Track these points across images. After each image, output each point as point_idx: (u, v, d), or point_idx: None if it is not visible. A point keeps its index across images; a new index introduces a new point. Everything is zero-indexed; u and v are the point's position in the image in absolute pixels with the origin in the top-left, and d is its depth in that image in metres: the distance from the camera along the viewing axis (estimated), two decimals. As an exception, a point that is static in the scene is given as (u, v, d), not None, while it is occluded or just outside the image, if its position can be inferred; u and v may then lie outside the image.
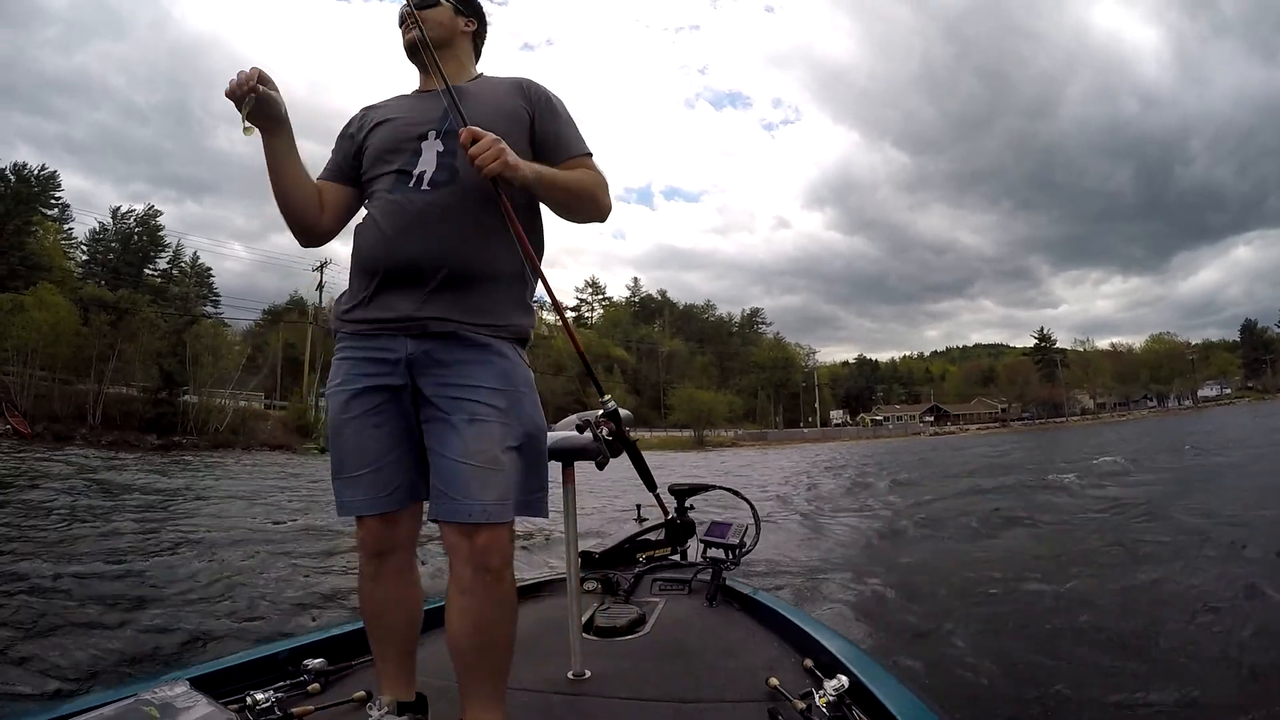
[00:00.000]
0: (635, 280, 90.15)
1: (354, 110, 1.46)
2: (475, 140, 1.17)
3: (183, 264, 54.69)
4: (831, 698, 1.31)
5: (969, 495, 9.12)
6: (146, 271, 51.23)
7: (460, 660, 1.22)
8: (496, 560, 1.19)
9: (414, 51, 1.41)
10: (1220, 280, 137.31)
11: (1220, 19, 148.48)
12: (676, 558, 2.68)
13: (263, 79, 1.21)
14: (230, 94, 1.20)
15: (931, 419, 75.46)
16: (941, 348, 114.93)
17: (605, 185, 1.37)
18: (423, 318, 1.24)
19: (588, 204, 1.34)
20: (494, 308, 1.28)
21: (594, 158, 1.39)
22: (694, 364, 75.54)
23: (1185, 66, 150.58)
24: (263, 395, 39.08)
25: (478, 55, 1.53)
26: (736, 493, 2.70)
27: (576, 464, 1.74)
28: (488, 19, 1.53)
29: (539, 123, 1.36)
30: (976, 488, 10.14)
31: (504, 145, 1.18)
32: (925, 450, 28.84)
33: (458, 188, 1.28)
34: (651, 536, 2.69)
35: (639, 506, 2.93)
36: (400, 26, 1.42)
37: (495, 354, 1.25)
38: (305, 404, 36.96)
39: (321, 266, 42.88)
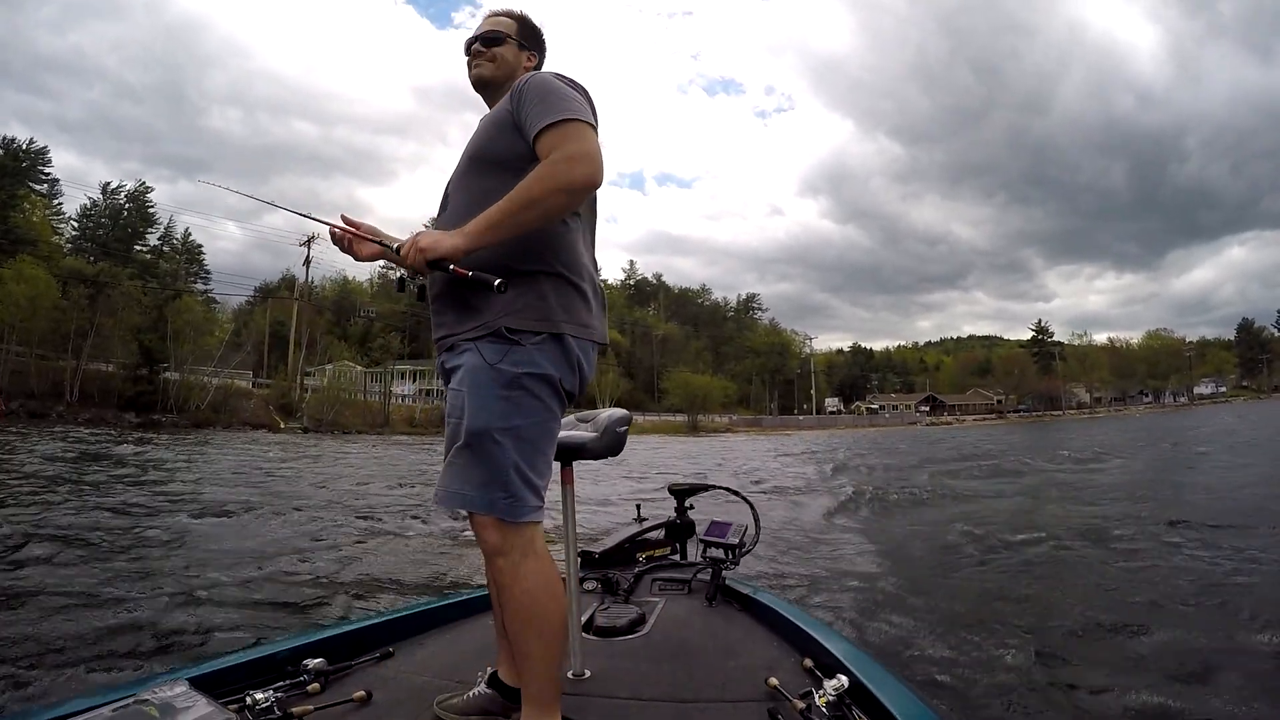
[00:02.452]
0: (631, 263, 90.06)
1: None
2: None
3: (174, 240, 54.85)
4: (831, 697, 1.32)
5: (970, 492, 9.21)
6: (136, 247, 51.38)
7: None
8: (490, 548, 1.26)
9: (480, 85, 1.51)
10: (1214, 279, 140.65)
11: (1218, 19, 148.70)
12: (676, 557, 2.70)
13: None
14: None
15: (927, 409, 76.05)
16: (935, 338, 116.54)
17: (563, 159, 1.22)
18: (438, 336, 1.38)
19: (539, 209, 1.22)
20: (472, 310, 1.30)
21: (566, 123, 1.25)
22: (689, 348, 75.62)
23: (1181, 65, 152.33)
24: (251, 374, 38.93)
25: None
26: (736, 492, 2.72)
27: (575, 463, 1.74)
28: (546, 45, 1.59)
29: (517, 115, 1.32)
30: (977, 483, 10.23)
31: (418, 242, 1.25)
32: (925, 441, 29.01)
33: (448, 211, 1.39)
34: (651, 536, 2.71)
35: (639, 506, 2.95)
36: (467, 56, 1.51)
37: (470, 355, 1.28)
38: (290, 381, 36.76)
39: (309, 241, 42.43)
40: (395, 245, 1.33)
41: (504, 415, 1.24)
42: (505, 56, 1.49)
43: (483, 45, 1.49)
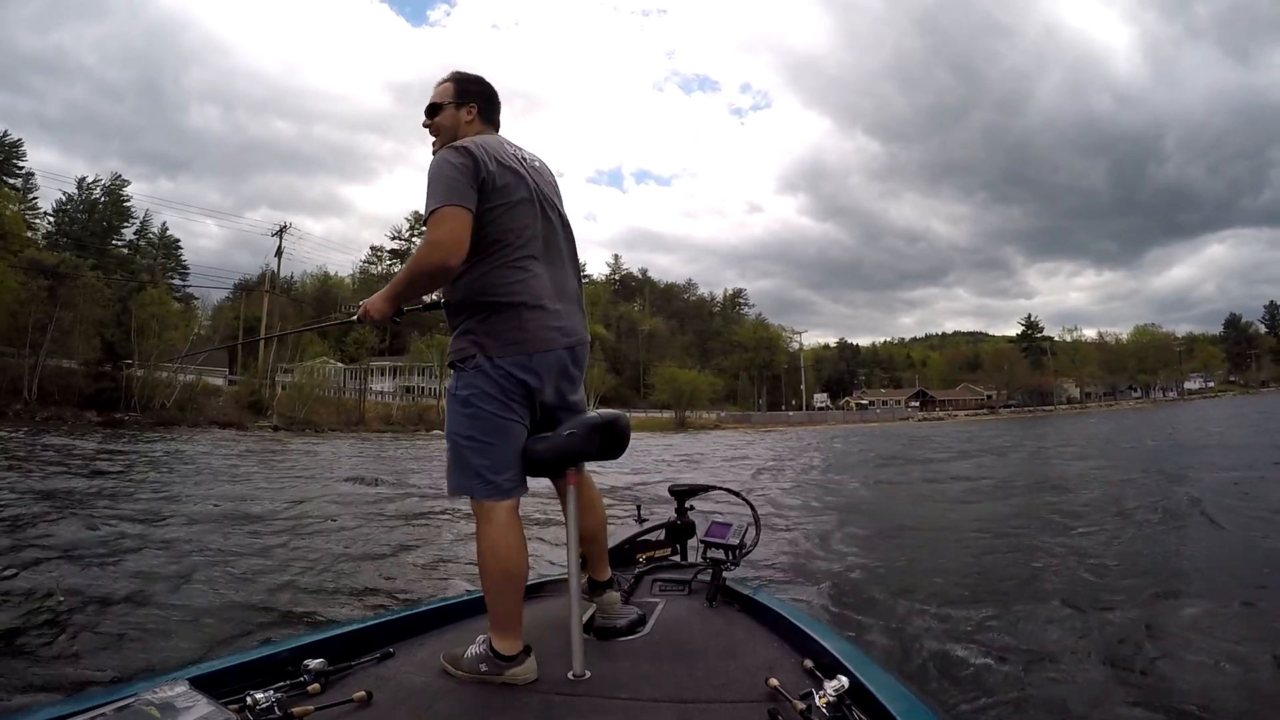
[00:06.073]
0: (615, 258, 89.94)
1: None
2: None
3: (150, 235, 54.84)
4: (831, 698, 1.34)
5: (970, 494, 9.30)
6: (113, 242, 51.68)
7: None
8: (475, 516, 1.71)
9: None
10: (1193, 277, 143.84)
11: (1195, 22, 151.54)
12: (677, 558, 2.74)
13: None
14: None
15: (918, 404, 76.89)
16: (920, 334, 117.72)
17: (421, 248, 1.61)
18: None
19: (416, 283, 1.68)
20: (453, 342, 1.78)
21: (430, 214, 1.59)
22: (675, 343, 75.71)
23: (1159, 67, 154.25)
24: (226, 370, 38.39)
25: (494, 124, 1.88)
26: (737, 493, 2.76)
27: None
28: (491, 87, 1.89)
29: None
30: (978, 486, 10.34)
31: (364, 305, 1.78)
32: (929, 440, 29.05)
33: None
34: (651, 537, 2.75)
35: (639, 507, 2.98)
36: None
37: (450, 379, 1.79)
38: (261, 378, 36.20)
39: (280, 231, 41.84)
40: (355, 314, 1.83)
41: (462, 429, 1.69)
42: (444, 123, 1.82)
43: (428, 118, 1.84)
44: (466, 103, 1.83)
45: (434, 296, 1.78)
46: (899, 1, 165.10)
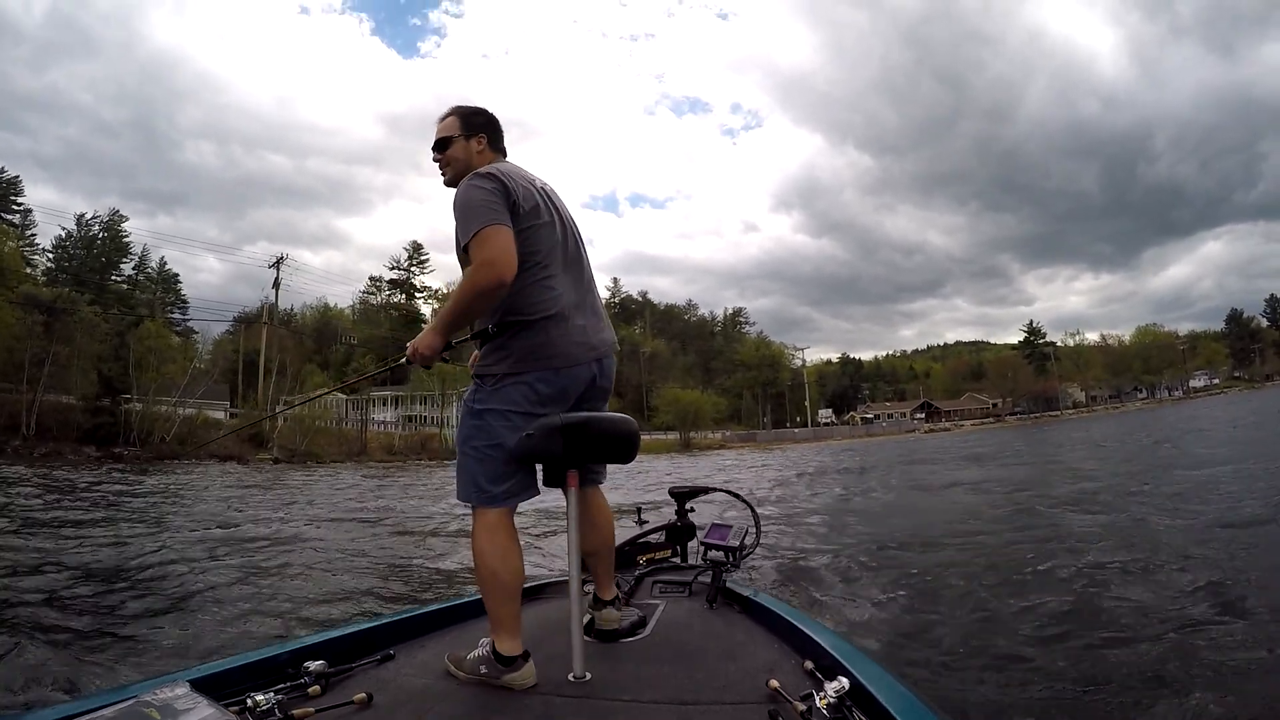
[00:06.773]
0: (615, 281, 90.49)
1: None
2: None
3: (149, 270, 55.68)
4: (832, 699, 1.34)
5: (969, 499, 9.28)
6: (113, 277, 52.45)
7: None
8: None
9: (451, 186, 1.84)
10: (1191, 274, 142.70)
11: (1178, 21, 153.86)
12: (677, 560, 2.75)
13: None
14: None
15: (923, 416, 76.63)
16: (922, 346, 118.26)
17: (472, 270, 1.63)
18: None
19: (470, 307, 1.70)
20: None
21: (473, 237, 1.64)
22: (677, 364, 75.76)
23: (1144, 67, 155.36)
24: (227, 403, 38.47)
25: (503, 151, 1.93)
26: (737, 495, 2.78)
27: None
28: (494, 116, 1.94)
29: None
30: (977, 491, 10.32)
31: (416, 346, 1.76)
32: (928, 448, 28.98)
33: None
34: (652, 539, 2.76)
35: (639, 509, 3.00)
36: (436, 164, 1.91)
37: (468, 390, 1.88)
38: (262, 411, 36.16)
39: (278, 263, 42.16)
40: (404, 356, 1.86)
41: (468, 438, 1.76)
42: (456, 155, 1.88)
43: (437, 153, 1.89)
44: (475, 134, 1.89)
45: (490, 325, 1.78)
46: (884, 15, 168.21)
